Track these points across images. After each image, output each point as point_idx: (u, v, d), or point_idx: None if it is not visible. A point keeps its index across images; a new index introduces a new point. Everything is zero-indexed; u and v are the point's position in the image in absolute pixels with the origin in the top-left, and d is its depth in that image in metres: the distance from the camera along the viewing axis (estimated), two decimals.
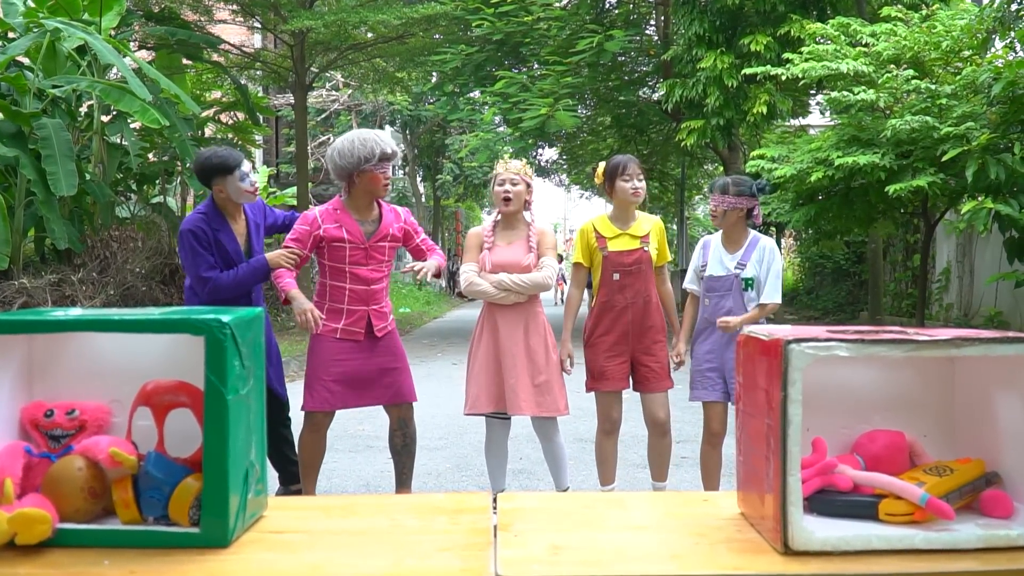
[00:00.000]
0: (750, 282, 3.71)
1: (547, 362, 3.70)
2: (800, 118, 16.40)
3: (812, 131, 13.00)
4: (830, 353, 1.15)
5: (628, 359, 3.80)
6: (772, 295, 3.71)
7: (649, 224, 3.83)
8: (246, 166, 3.77)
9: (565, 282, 19.88)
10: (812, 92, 13.20)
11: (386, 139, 3.64)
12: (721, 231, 3.82)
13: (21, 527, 1.11)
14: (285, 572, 1.10)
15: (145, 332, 1.20)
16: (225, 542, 1.15)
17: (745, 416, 1.31)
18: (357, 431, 5.98)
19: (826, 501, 1.25)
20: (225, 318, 1.16)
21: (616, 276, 3.74)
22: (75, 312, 1.24)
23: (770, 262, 3.73)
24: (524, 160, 3.95)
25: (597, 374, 3.79)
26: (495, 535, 1.23)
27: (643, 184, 3.76)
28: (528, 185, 3.77)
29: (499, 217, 3.82)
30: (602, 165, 3.91)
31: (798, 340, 1.16)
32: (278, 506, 1.35)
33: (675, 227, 23.64)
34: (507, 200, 3.72)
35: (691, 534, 1.24)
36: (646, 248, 3.76)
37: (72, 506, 1.18)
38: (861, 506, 1.23)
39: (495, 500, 1.38)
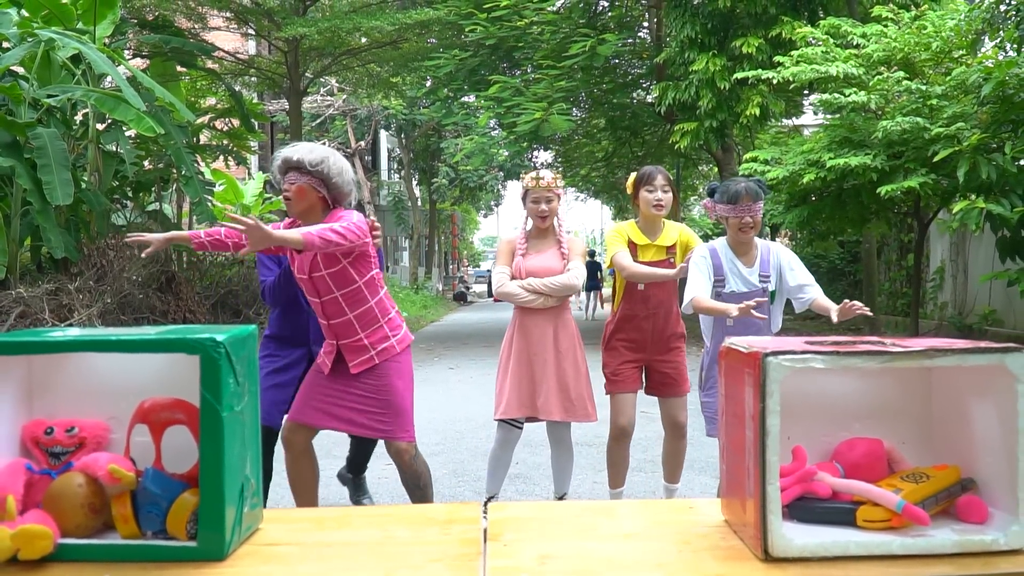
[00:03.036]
0: (774, 294, 3.46)
1: (576, 368, 3.73)
2: (794, 118, 16.46)
3: (806, 131, 13.06)
4: (806, 365, 1.19)
5: (643, 365, 3.82)
6: (816, 289, 3.37)
7: (675, 234, 3.79)
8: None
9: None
10: (805, 93, 13.26)
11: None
12: (726, 239, 3.47)
13: (23, 543, 1.15)
14: None
15: (142, 352, 1.23)
16: (221, 555, 1.19)
17: (728, 426, 1.34)
18: None
19: (806, 508, 1.28)
20: (220, 337, 1.19)
21: (641, 286, 3.73)
22: (73, 332, 1.27)
23: (791, 264, 3.42)
24: (555, 172, 4.00)
25: (610, 376, 3.81)
26: (484, 545, 1.26)
27: (667, 196, 3.70)
28: (559, 197, 3.82)
29: (530, 227, 3.86)
30: (633, 176, 3.87)
31: (775, 353, 1.19)
32: (273, 519, 1.38)
33: None
34: (544, 218, 3.76)
35: (677, 542, 1.27)
36: (672, 260, 3.74)
37: (72, 522, 1.21)
38: (839, 513, 1.27)
39: (485, 509, 1.42)
